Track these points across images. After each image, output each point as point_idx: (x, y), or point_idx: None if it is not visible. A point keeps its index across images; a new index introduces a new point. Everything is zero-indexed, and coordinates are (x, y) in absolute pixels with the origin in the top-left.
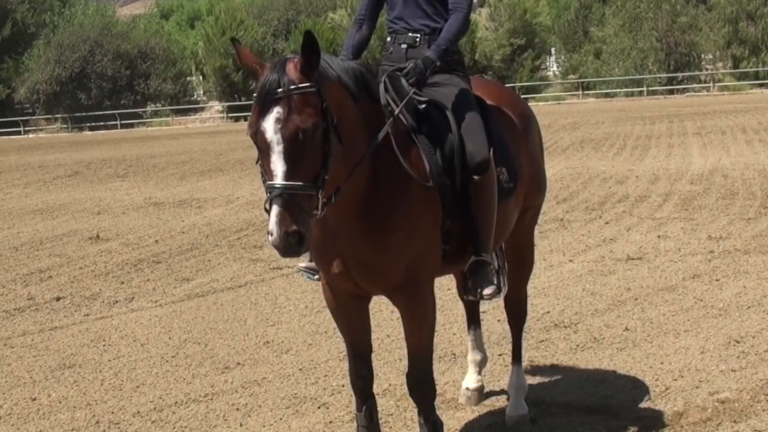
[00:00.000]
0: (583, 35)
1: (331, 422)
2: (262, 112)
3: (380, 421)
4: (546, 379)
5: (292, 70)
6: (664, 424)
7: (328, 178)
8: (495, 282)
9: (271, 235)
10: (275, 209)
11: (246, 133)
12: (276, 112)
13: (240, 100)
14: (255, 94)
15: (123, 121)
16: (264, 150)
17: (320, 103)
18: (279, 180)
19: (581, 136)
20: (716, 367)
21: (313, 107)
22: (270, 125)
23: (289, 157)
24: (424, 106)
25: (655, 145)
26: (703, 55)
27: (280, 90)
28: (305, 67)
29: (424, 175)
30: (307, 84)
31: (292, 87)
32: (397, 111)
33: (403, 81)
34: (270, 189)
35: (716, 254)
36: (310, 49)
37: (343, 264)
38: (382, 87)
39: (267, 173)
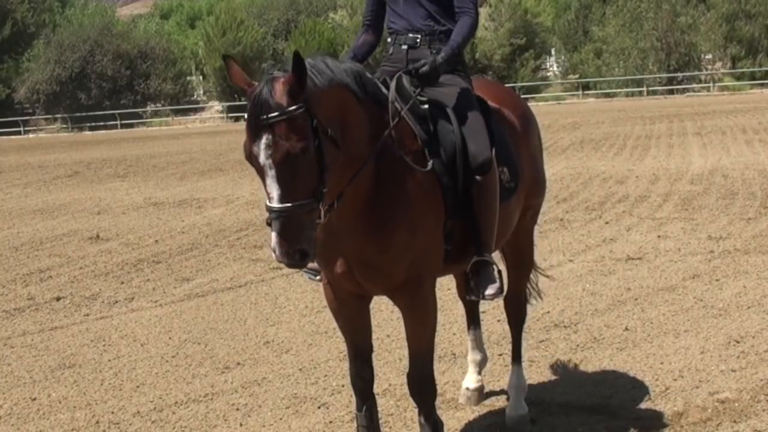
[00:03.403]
0: (583, 35)
1: (331, 422)
2: (253, 136)
3: (380, 421)
4: (546, 379)
5: (279, 92)
6: (664, 424)
7: (328, 190)
8: (497, 282)
9: (275, 252)
10: (275, 231)
11: (242, 153)
12: (265, 138)
13: (240, 100)
14: (246, 116)
15: (123, 121)
16: (259, 173)
17: (310, 121)
18: (276, 203)
19: (581, 136)
20: (716, 367)
21: (303, 129)
22: (261, 150)
23: (282, 180)
24: (426, 106)
25: (655, 145)
26: (702, 55)
27: (267, 116)
28: (293, 88)
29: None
30: (294, 107)
31: (279, 112)
32: (402, 111)
33: (405, 82)
34: (268, 210)
35: (716, 254)
36: (300, 70)
37: (345, 264)
38: (393, 85)
39: (265, 194)
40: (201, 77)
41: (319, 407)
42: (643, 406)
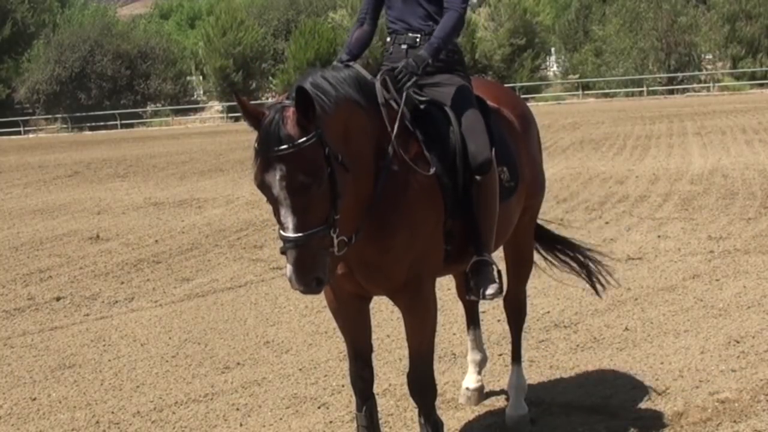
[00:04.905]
0: (583, 35)
1: (331, 422)
2: (266, 167)
3: (380, 421)
4: (546, 379)
5: (290, 123)
6: (664, 424)
7: (340, 216)
8: (497, 281)
9: (291, 281)
10: (291, 259)
11: (252, 183)
12: (279, 169)
13: None
14: (256, 145)
15: (123, 121)
16: (272, 202)
17: (323, 150)
18: (291, 233)
19: (581, 136)
20: (716, 367)
21: (316, 159)
22: (275, 181)
23: (297, 210)
24: (424, 106)
25: (655, 145)
26: (703, 55)
27: (279, 147)
28: (302, 120)
29: (426, 171)
30: (305, 138)
31: (291, 144)
32: (399, 114)
33: (389, 81)
34: (283, 240)
35: (716, 254)
36: (305, 105)
37: (346, 265)
38: (378, 87)
39: (278, 223)
40: (201, 77)
41: (319, 407)
42: (643, 406)
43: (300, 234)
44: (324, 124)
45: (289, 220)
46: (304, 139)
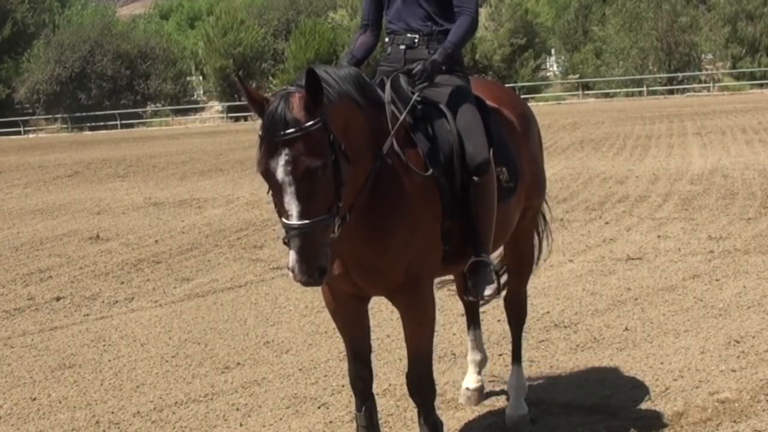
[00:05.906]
0: (583, 35)
1: (331, 422)
2: (271, 152)
3: (380, 421)
4: (546, 379)
5: (296, 108)
6: (664, 424)
7: (342, 204)
8: (495, 282)
9: (293, 272)
10: (294, 248)
11: (255, 170)
12: (284, 153)
13: (240, 100)
14: (260, 131)
15: (123, 121)
16: (276, 189)
17: (327, 136)
18: (295, 220)
19: (581, 136)
20: (716, 367)
21: (321, 144)
22: (280, 167)
23: (301, 197)
24: (422, 106)
25: (655, 145)
26: (703, 55)
27: (286, 131)
28: (310, 105)
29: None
30: (312, 122)
31: (299, 127)
32: (401, 117)
33: (403, 82)
34: (287, 228)
35: (716, 254)
36: (314, 87)
37: (343, 265)
38: (388, 87)
39: (281, 211)
40: (201, 77)
41: (319, 407)
42: (643, 406)
43: (306, 221)
44: (328, 112)
45: (293, 207)
46: (311, 122)
